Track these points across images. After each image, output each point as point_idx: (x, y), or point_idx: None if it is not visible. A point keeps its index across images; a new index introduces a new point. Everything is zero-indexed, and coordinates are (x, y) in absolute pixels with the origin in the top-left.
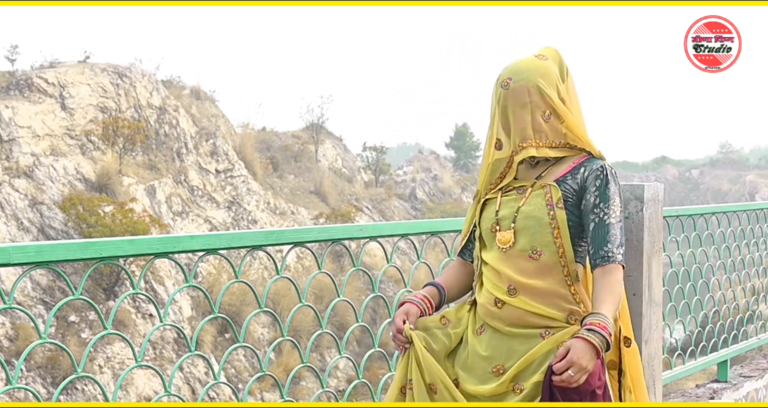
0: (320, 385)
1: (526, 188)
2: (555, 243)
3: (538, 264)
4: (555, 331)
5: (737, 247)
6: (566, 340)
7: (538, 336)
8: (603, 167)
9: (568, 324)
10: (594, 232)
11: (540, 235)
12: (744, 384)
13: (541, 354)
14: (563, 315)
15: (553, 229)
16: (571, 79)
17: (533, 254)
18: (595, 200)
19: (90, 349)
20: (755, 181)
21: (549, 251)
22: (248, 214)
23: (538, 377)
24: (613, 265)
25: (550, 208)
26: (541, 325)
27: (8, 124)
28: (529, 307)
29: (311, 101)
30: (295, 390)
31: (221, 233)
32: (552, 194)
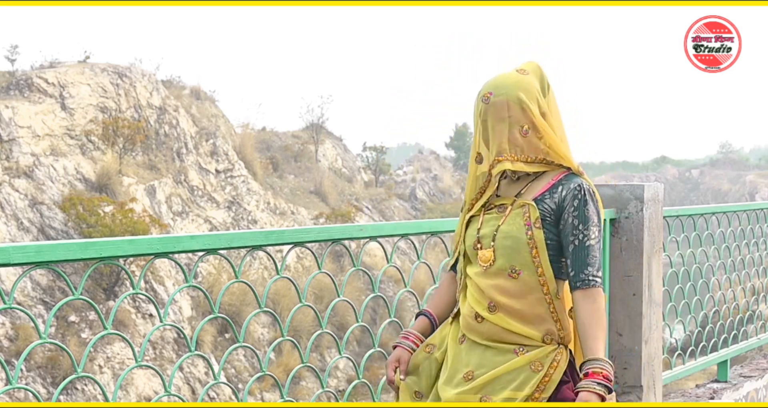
0: (320, 385)
1: (507, 206)
2: (533, 262)
3: (517, 283)
4: (529, 349)
5: (737, 247)
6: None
7: (512, 351)
8: (580, 186)
9: (543, 343)
10: (574, 254)
11: (518, 255)
12: (744, 384)
13: (512, 370)
14: (539, 334)
15: (531, 249)
16: (552, 94)
17: (512, 273)
18: (573, 221)
19: (90, 349)
20: (755, 181)
21: (528, 270)
22: (248, 214)
23: (508, 394)
24: (595, 290)
25: (528, 227)
26: (517, 342)
27: (8, 124)
28: (507, 325)
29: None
30: (295, 390)
31: (221, 233)
32: (530, 214)
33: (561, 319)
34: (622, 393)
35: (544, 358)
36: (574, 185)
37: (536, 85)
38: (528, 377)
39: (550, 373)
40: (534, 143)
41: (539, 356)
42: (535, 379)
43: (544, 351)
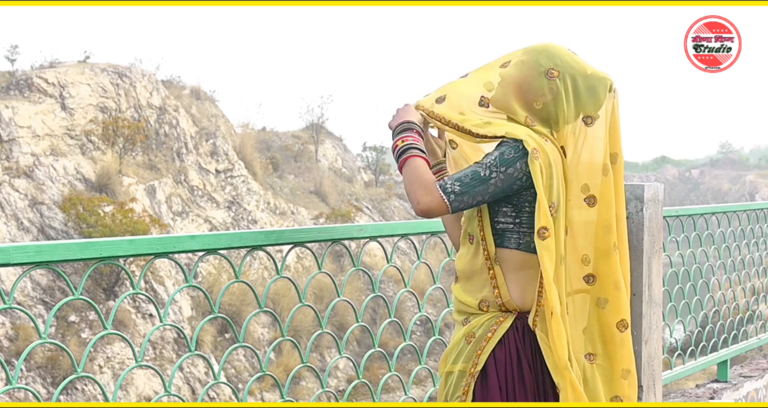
0: (320, 385)
1: None
2: (478, 226)
3: (469, 248)
4: (471, 318)
5: (737, 247)
6: (477, 328)
7: (461, 323)
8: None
9: (479, 311)
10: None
11: (471, 220)
12: (744, 384)
13: (455, 343)
14: (475, 302)
15: (477, 213)
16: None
17: (470, 239)
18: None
19: (90, 349)
20: (755, 181)
21: (476, 234)
22: (248, 214)
23: (450, 368)
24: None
25: None
26: (464, 312)
27: (8, 124)
28: (458, 294)
29: (311, 101)
30: (295, 390)
31: (221, 233)
32: None
33: (499, 286)
34: None
35: (478, 328)
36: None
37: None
38: (462, 349)
39: (483, 346)
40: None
41: (474, 326)
42: (467, 350)
43: (479, 320)
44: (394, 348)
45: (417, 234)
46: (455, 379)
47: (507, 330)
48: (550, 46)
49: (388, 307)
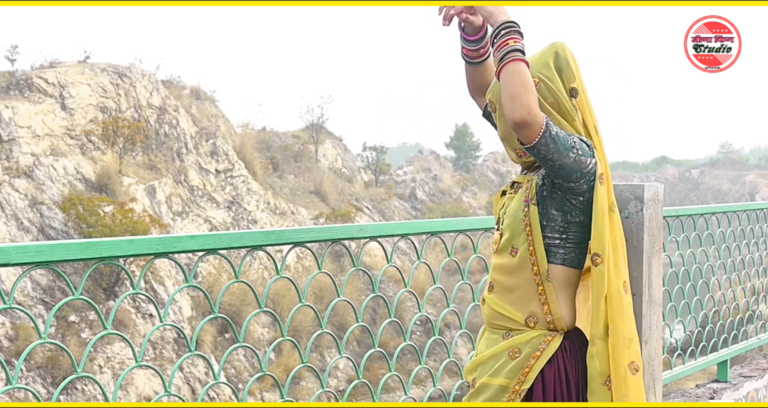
0: (320, 385)
1: (521, 184)
2: (527, 240)
3: (513, 261)
4: (515, 333)
5: (737, 247)
6: (524, 344)
7: (501, 336)
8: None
9: (526, 326)
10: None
11: (517, 233)
12: (744, 384)
13: (494, 354)
14: (522, 317)
15: (526, 227)
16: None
17: (512, 252)
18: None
19: (90, 349)
20: (755, 181)
21: (522, 248)
22: (248, 214)
23: (486, 379)
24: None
25: (525, 204)
26: (505, 326)
27: (8, 124)
28: (496, 306)
29: (311, 101)
30: (295, 390)
31: (221, 233)
32: (531, 189)
33: (549, 303)
34: None
35: (524, 344)
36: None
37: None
38: (504, 363)
39: (531, 364)
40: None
41: (519, 341)
42: (510, 366)
43: (526, 336)
44: (394, 348)
45: (417, 234)
46: (493, 392)
47: (556, 350)
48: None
49: (388, 307)
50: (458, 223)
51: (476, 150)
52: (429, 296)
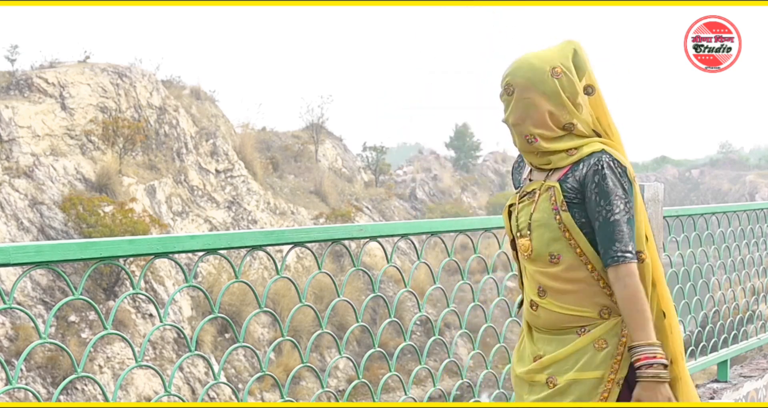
0: (320, 385)
1: (536, 192)
2: (570, 245)
3: (560, 267)
4: (590, 327)
5: (737, 247)
6: (606, 334)
7: (575, 333)
8: (600, 160)
9: (601, 318)
10: (600, 232)
11: (553, 241)
12: (744, 384)
13: (576, 350)
14: (595, 310)
15: (564, 232)
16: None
17: (553, 259)
18: (595, 198)
19: (90, 349)
20: (755, 181)
21: (567, 254)
22: (248, 214)
23: (574, 375)
24: (625, 268)
25: (555, 212)
26: (575, 325)
27: (8, 124)
28: (558, 308)
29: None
30: (295, 390)
31: (221, 233)
32: (556, 197)
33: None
34: None
35: (607, 334)
36: (594, 160)
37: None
38: (593, 357)
39: (621, 351)
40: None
41: (601, 333)
42: (600, 357)
43: (605, 326)
44: (394, 348)
45: (417, 234)
46: (588, 386)
47: None
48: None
49: (388, 307)
50: (458, 223)
51: (476, 150)
52: (429, 296)
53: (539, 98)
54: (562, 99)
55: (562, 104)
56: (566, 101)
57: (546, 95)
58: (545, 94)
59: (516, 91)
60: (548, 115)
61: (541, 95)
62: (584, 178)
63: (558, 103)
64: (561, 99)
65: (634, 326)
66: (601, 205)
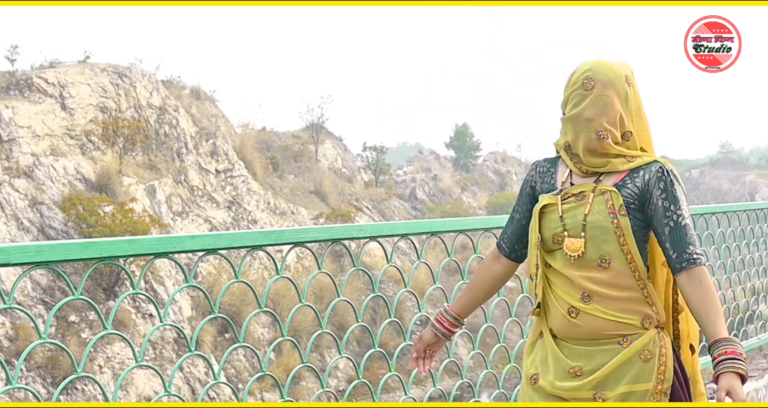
0: (320, 385)
1: (586, 194)
2: (622, 250)
3: (609, 273)
4: (632, 337)
5: (737, 247)
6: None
7: (616, 343)
8: (663, 168)
9: (643, 328)
10: (672, 235)
11: (607, 244)
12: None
13: (622, 363)
14: (638, 319)
15: (619, 237)
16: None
17: (602, 263)
18: (663, 203)
19: (90, 349)
20: (755, 181)
21: (618, 259)
22: (248, 214)
23: (625, 388)
24: (700, 269)
25: (613, 216)
26: (617, 333)
27: (8, 124)
28: (604, 314)
29: (311, 101)
30: (295, 390)
31: (221, 233)
32: (614, 201)
33: (655, 303)
34: None
35: (649, 345)
36: (656, 168)
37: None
38: (642, 368)
39: (663, 361)
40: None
41: (644, 343)
42: (648, 369)
43: (647, 337)
44: (394, 348)
45: (417, 234)
46: (640, 398)
47: (672, 343)
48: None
49: (388, 307)
50: (458, 223)
51: (476, 150)
52: (429, 296)
53: (616, 99)
54: (630, 106)
55: (630, 111)
56: (632, 110)
57: (621, 98)
58: (620, 97)
59: (596, 87)
60: (619, 117)
61: (617, 97)
62: (647, 185)
63: (627, 109)
64: (630, 106)
65: (714, 322)
66: (672, 210)
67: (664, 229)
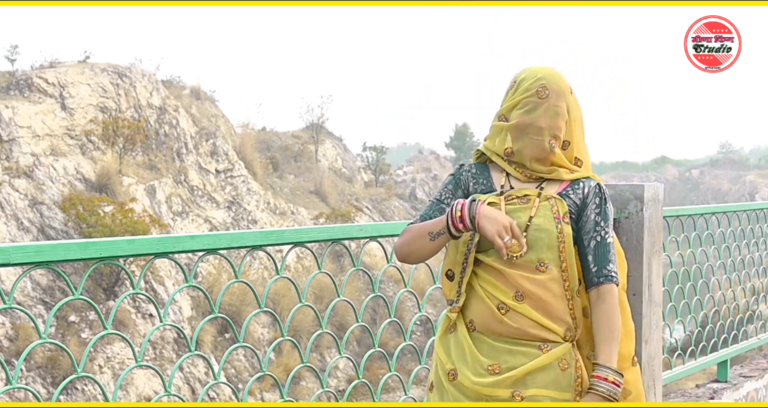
0: (320, 385)
1: (531, 198)
2: (560, 257)
3: (544, 276)
4: (552, 345)
5: (737, 247)
6: (566, 356)
7: (536, 348)
8: (600, 186)
9: (564, 340)
10: (597, 249)
11: (548, 249)
12: (744, 384)
13: (541, 366)
14: (562, 330)
15: (560, 244)
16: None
17: (540, 266)
18: (595, 218)
19: (90, 349)
20: (755, 181)
21: (554, 265)
22: (248, 214)
23: (547, 392)
24: (612, 287)
25: (557, 221)
26: (540, 337)
27: (8, 124)
28: (533, 316)
29: (311, 101)
30: (295, 390)
31: (221, 233)
32: (558, 207)
33: (577, 317)
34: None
35: (567, 356)
36: (594, 184)
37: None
38: (560, 376)
39: (580, 374)
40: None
41: (563, 353)
42: (566, 378)
43: (565, 348)
44: (394, 348)
45: None
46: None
47: (584, 360)
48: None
49: (388, 307)
50: None
51: None
52: (429, 296)
53: (564, 110)
54: (572, 116)
55: (572, 122)
56: (575, 120)
57: (568, 108)
58: (569, 107)
59: (551, 97)
60: (565, 127)
61: (565, 107)
62: (586, 198)
63: (570, 119)
64: (572, 116)
65: (604, 344)
66: (601, 226)
67: (590, 242)
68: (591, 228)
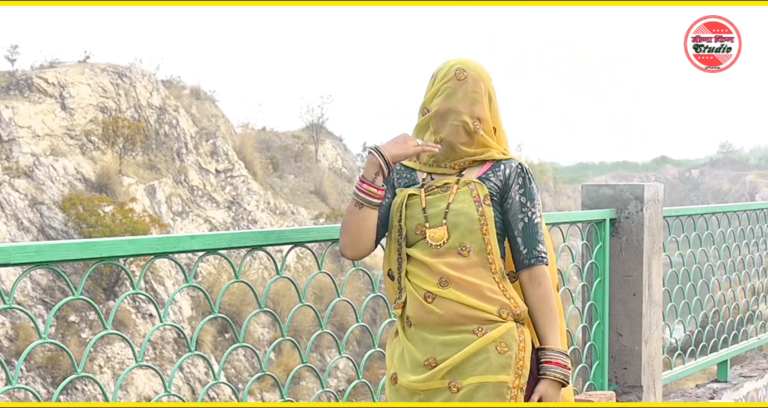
0: (320, 385)
1: (450, 185)
2: (483, 240)
3: (467, 260)
4: (488, 327)
5: (737, 247)
6: (506, 337)
7: (471, 332)
8: (521, 165)
9: (500, 318)
10: (525, 231)
11: (469, 232)
12: (744, 384)
13: (476, 351)
14: (495, 308)
15: (482, 226)
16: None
17: (462, 251)
18: (520, 199)
19: (90, 349)
20: (755, 181)
21: (477, 248)
22: (248, 214)
23: (480, 378)
24: (543, 268)
25: (478, 204)
26: (474, 319)
27: (8, 124)
28: (461, 299)
29: (311, 101)
30: (295, 390)
31: (221, 233)
32: (478, 191)
33: (513, 297)
34: (622, 393)
35: (506, 337)
36: (515, 164)
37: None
38: (497, 360)
39: (522, 356)
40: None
41: (501, 334)
42: (504, 361)
43: (504, 328)
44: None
45: None
46: (493, 389)
47: (531, 340)
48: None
49: (388, 307)
50: None
51: None
52: None
53: (485, 96)
54: (493, 107)
55: (493, 112)
56: (495, 111)
57: (489, 95)
58: (490, 94)
59: (468, 80)
60: (489, 112)
61: (485, 94)
62: (507, 179)
63: (491, 109)
64: (492, 107)
65: (548, 328)
66: (527, 206)
67: (518, 224)
68: (517, 209)
